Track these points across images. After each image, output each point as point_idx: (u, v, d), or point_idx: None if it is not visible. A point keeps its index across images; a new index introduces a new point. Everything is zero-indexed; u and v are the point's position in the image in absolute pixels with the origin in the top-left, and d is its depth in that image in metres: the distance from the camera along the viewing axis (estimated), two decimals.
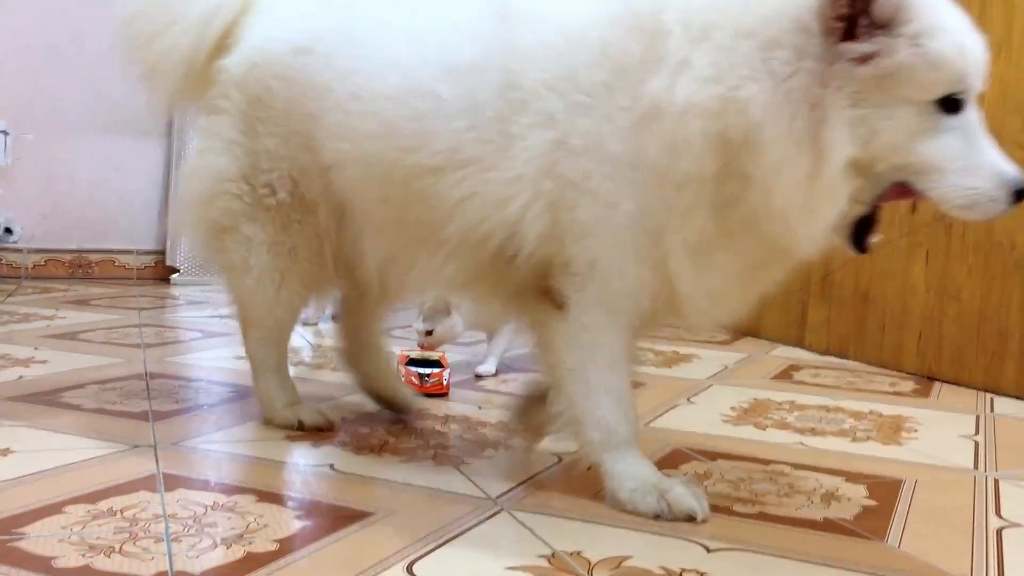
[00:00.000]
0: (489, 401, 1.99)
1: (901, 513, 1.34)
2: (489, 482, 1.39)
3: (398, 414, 1.81)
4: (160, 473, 1.37)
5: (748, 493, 1.40)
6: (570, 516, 1.26)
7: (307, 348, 2.60)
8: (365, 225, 1.51)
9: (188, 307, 3.42)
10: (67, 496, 1.25)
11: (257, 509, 1.23)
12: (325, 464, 1.46)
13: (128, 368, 2.17)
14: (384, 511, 1.24)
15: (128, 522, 1.16)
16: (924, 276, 2.33)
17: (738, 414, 1.98)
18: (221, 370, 2.22)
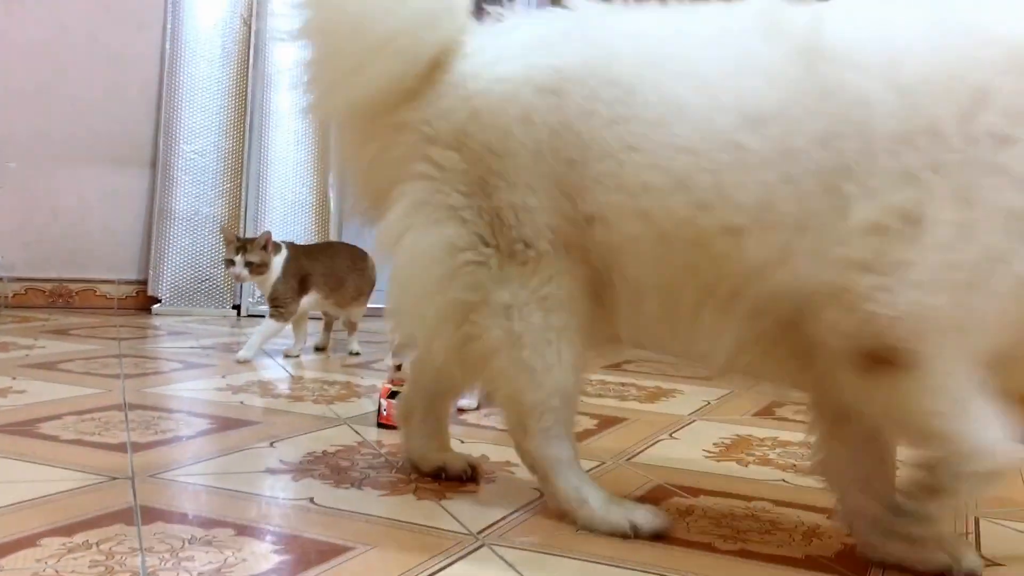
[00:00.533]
0: (471, 435, 1.98)
1: None
2: (470, 517, 1.39)
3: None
4: (137, 506, 1.36)
5: (730, 529, 1.40)
6: (552, 552, 1.26)
7: (287, 380, 2.59)
8: (629, 284, 1.33)
9: (169, 337, 3.40)
10: (42, 528, 1.23)
11: (235, 543, 1.22)
12: (305, 498, 1.45)
13: (107, 399, 2.15)
14: (364, 546, 1.23)
15: (104, 555, 1.15)
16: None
17: (720, 450, 1.98)
18: (201, 401, 2.21)
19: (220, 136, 4.33)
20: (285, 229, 4.36)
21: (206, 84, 4.31)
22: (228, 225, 4.12)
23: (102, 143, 4.20)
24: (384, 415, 2.00)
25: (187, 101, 4.28)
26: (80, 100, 4.14)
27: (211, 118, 4.32)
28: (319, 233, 4.41)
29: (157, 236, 4.23)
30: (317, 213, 4.43)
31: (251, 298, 4.31)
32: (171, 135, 4.26)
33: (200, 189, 4.29)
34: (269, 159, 4.38)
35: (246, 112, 4.36)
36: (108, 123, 4.21)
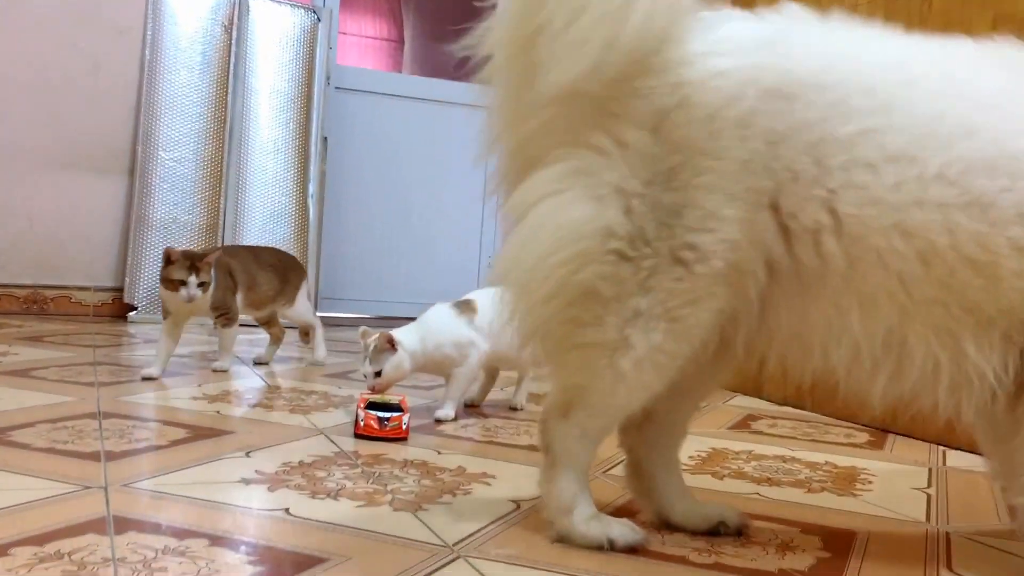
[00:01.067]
0: (448, 446, 1.98)
1: (854, 566, 1.35)
2: (446, 529, 1.39)
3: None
4: (110, 515, 1.35)
5: (705, 543, 1.41)
6: (527, 564, 1.26)
7: (263, 390, 2.58)
8: (856, 300, 1.25)
9: (145, 345, 3.38)
10: (13, 538, 1.22)
11: (209, 554, 1.21)
12: (280, 508, 1.44)
13: (81, 407, 2.13)
14: (339, 557, 1.23)
15: (76, 565, 1.14)
16: None
17: (696, 463, 1.98)
18: (176, 410, 2.19)
19: (199, 144, 4.31)
20: (264, 237, 4.35)
21: (186, 91, 4.30)
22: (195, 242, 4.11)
23: (80, 150, 4.17)
24: (361, 426, 1.99)
25: (166, 108, 4.27)
26: (58, 106, 4.12)
27: (190, 125, 4.30)
28: (298, 241, 4.40)
29: (134, 243, 4.21)
30: (296, 221, 4.42)
31: None
32: (150, 142, 4.24)
33: (178, 197, 4.27)
34: (248, 167, 4.37)
35: (226, 120, 4.35)
36: (86, 130, 4.18)
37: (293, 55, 4.46)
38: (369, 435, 1.98)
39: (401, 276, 4.95)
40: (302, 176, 4.44)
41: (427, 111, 4.99)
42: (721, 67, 1.24)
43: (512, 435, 2.16)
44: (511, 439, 2.11)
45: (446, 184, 4.98)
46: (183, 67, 4.30)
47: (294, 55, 4.46)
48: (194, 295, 2.58)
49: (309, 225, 4.43)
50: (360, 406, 2.04)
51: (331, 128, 4.67)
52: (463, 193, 5.01)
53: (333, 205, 4.73)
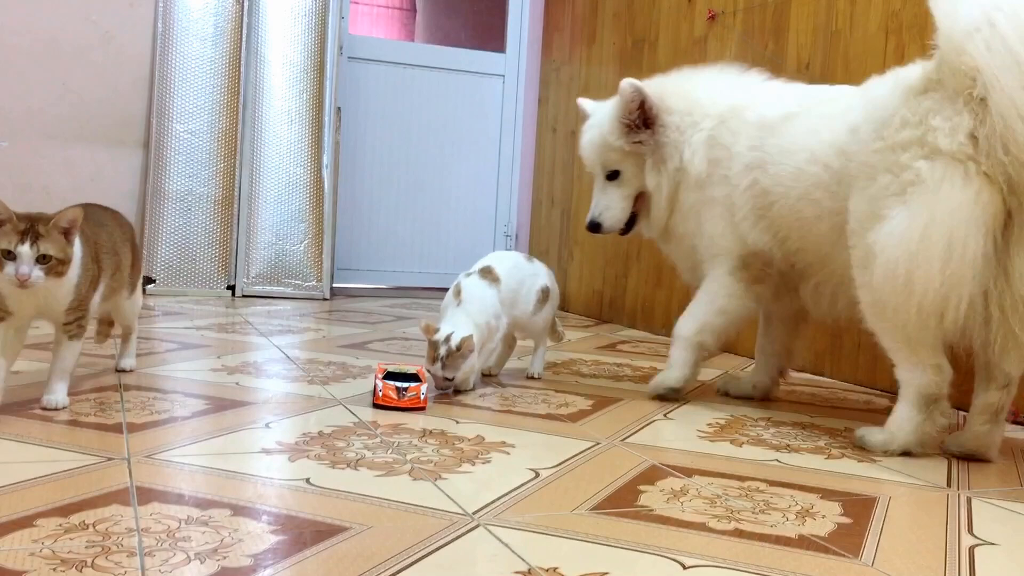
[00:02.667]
0: (466, 415, 1.99)
1: (875, 531, 1.35)
2: (466, 497, 1.39)
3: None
4: (133, 486, 1.36)
5: (724, 509, 1.41)
6: (547, 532, 1.26)
7: (282, 361, 2.59)
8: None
9: (164, 318, 3.40)
10: (39, 509, 1.23)
11: (231, 523, 1.22)
12: (301, 478, 1.45)
13: (102, 379, 2.15)
14: (360, 526, 1.24)
15: (101, 536, 1.15)
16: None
17: (715, 430, 1.98)
18: (196, 382, 2.21)
19: (213, 115, 4.31)
20: (279, 208, 4.36)
21: (198, 63, 4.29)
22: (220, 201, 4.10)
23: (94, 122, 4.18)
24: (379, 396, 2.00)
25: (179, 80, 4.26)
26: (72, 79, 4.12)
27: (204, 97, 4.29)
28: (314, 211, 4.40)
29: (151, 216, 4.22)
30: (311, 192, 4.41)
31: (246, 278, 4.31)
32: (164, 114, 4.24)
33: (193, 169, 4.28)
34: (263, 138, 4.36)
35: (239, 91, 4.34)
36: (100, 102, 4.18)
37: (305, 25, 4.44)
38: (387, 405, 1.99)
39: (416, 245, 4.95)
40: (316, 147, 4.43)
41: (440, 80, 4.97)
42: None
43: (530, 404, 2.16)
44: (529, 408, 2.11)
45: (459, 152, 4.96)
46: (195, 38, 4.28)
47: (306, 25, 4.44)
48: (27, 275, 1.65)
49: (324, 196, 4.42)
50: (378, 376, 2.04)
51: (344, 98, 4.65)
52: (477, 161, 5.00)
53: (347, 175, 4.73)
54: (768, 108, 2.16)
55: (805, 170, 2.01)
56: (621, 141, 2.29)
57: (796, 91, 2.22)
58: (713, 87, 2.30)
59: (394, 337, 3.19)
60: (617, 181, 2.35)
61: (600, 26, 4.36)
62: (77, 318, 1.82)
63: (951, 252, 1.64)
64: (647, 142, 2.27)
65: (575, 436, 1.85)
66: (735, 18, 3.35)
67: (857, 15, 2.78)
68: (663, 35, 3.81)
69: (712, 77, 2.35)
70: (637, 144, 2.28)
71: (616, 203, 2.36)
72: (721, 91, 2.28)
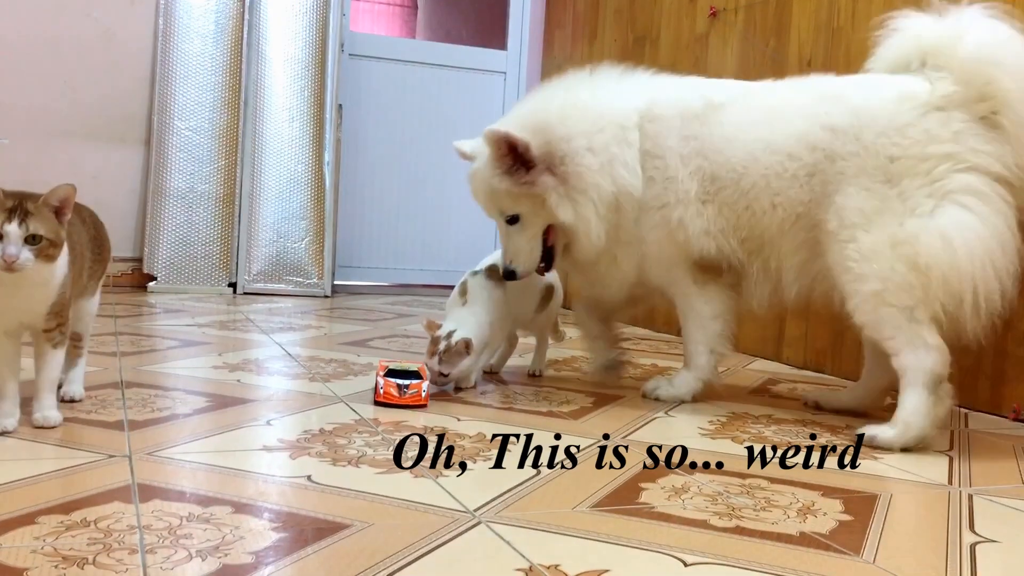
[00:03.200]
0: (467, 413, 1.99)
1: (876, 528, 1.35)
2: (467, 495, 1.39)
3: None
4: (135, 483, 1.36)
5: (725, 507, 1.41)
6: (548, 529, 1.26)
7: (283, 358, 2.59)
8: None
9: (165, 315, 3.40)
10: (40, 506, 1.23)
11: (233, 520, 1.22)
12: (302, 476, 1.45)
13: (103, 376, 2.15)
14: (361, 524, 1.24)
15: (102, 533, 1.15)
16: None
17: (716, 427, 1.98)
18: (198, 379, 2.21)
19: (214, 113, 4.31)
20: (281, 205, 4.36)
21: (200, 60, 4.29)
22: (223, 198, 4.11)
23: (96, 120, 4.18)
24: (381, 393, 2.00)
25: (181, 78, 4.26)
26: (73, 76, 4.12)
27: (205, 95, 4.29)
28: (315, 209, 4.40)
29: (152, 214, 4.22)
30: (312, 189, 4.42)
31: (247, 275, 4.31)
32: (165, 112, 4.24)
33: (195, 166, 4.28)
34: (264, 136, 4.36)
35: (240, 88, 4.33)
36: (101, 100, 4.18)
37: (306, 22, 4.43)
38: (389, 402, 1.99)
39: (416, 243, 4.95)
40: (317, 144, 4.43)
41: (442, 77, 4.96)
42: None
43: (531, 401, 2.16)
44: (530, 405, 2.11)
45: None
46: (196, 36, 4.28)
47: (307, 22, 4.44)
48: (15, 256, 1.47)
49: (325, 193, 4.42)
50: (379, 374, 2.04)
51: (346, 95, 4.65)
52: None
53: (348, 172, 4.73)
54: (685, 100, 2.14)
55: (760, 159, 2.05)
56: (507, 185, 2.14)
57: (695, 83, 2.24)
58: (605, 95, 2.20)
59: (395, 335, 3.19)
60: (519, 224, 2.20)
61: (601, 23, 4.35)
62: (59, 323, 1.63)
63: (993, 253, 1.81)
64: (537, 180, 2.11)
65: (576, 433, 1.85)
66: (736, 15, 3.35)
67: (859, 12, 2.78)
68: (664, 32, 3.81)
69: (594, 85, 2.24)
70: (527, 185, 2.13)
71: (524, 246, 2.21)
72: (619, 96, 2.20)
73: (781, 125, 2.04)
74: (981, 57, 1.85)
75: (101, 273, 1.89)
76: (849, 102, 1.98)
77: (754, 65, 3.23)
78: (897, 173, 1.88)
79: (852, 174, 1.93)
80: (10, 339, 1.60)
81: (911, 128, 1.89)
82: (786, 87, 2.16)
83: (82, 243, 1.74)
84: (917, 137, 1.88)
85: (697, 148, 2.11)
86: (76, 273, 1.68)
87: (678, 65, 3.59)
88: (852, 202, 1.92)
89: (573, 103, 2.17)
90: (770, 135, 2.04)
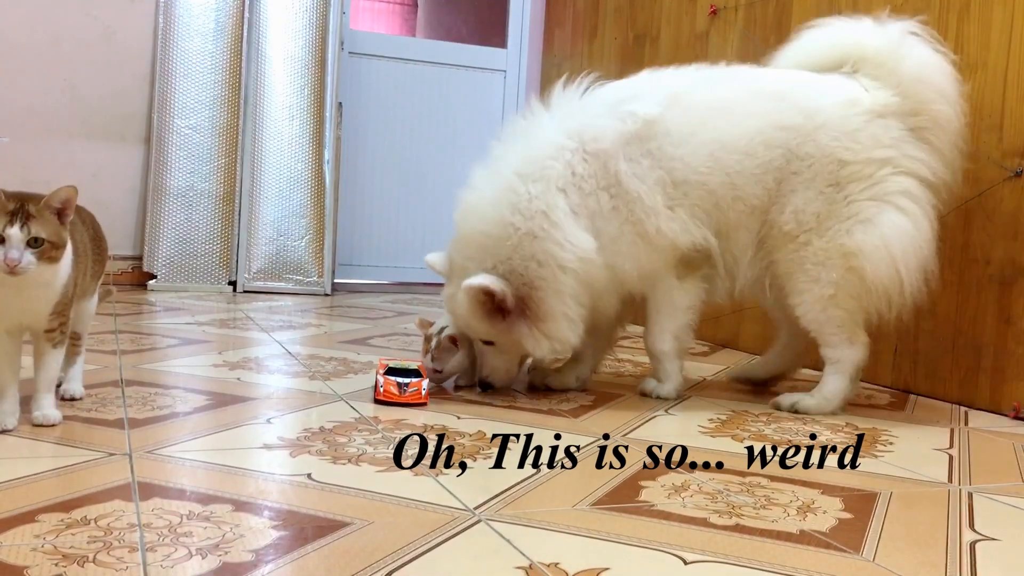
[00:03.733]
0: (467, 411, 1.99)
1: (876, 526, 1.35)
2: (467, 493, 1.39)
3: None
4: (135, 482, 1.36)
5: (725, 505, 1.41)
6: (548, 527, 1.26)
7: (283, 356, 2.59)
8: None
9: (165, 313, 3.40)
10: (40, 504, 1.24)
11: (233, 519, 1.22)
12: (302, 474, 1.45)
13: (103, 375, 2.15)
14: (361, 522, 1.24)
15: (102, 531, 1.15)
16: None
17: (716, 426, 1.98)
18: (197, 378, 2.21)
19: (214, 111, 4.30)
20: (281, 203, 4.36)
21: (200, 59, 4.28)
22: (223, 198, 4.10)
23: (96, 118, 4.17)
24: (381, 391, 2.00)
25: (181, 76, 4.25)
26: (73, 75, 4.12)
27: (205, 93, 4.29)
28: (315, 207, 4.40)
29: (152, 212, 4.22)
30: (313, 187, 4.41)
31: (247, 274, 4.31)
32: (165, 110, 4.23)
33: (195, 164, 4.27)
34: (264, 134, 4.36)
35: (240, 86, 4.33)
36: (101, 98, 4.18)
37: (306, 21, 4.43)
38: (389, 401, 1.99)
39: (416, 241, 4.94)
40: (318, 142, 4.42)
41: (441, 75, 4.96)
42: None
43: (531, 400, 2.16)
44: (530, 404, 2.12)
45: (460, 148, 4.96)
46: (196, 34, 4.28)
47: (307, 21, 4.43)
48: (17, 260, 1.47)
49: (326, 191, 4.42)
50: (380, 372, 2.04)
51: (346, 93, 4.65)
52: (478, 157, 4.98)
53: (349, 170, 4.73)
54: (613, 129, 2.10)
55: (721, 158, 2.10)
56: (485, 328, 2.10)
57: (616, 99, 2.17)
58: (524, 164, 2.12)
59: (395, 333, 3.19)
60: (495, 347, 2.15)
61: (601, 21, 4.35)
62: (61, 323, 1.63)
63: (922, 252, 2.06)
64: (513, 328, 2.08)
65: (576, 432, 1.85)
66: (737, 13, 3.35)
67: (860, 10, 2.77)
68: (665, 30, 3.81)
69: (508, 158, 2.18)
70: (504, 332, 2.09)
71: (502, 366, 2.17)
72: (540, 152, 2.12)
73: (730, 123, 2.11)
74: (922, 78, 2.07)
75: (100, 273, 1.90)
76: (796, 102, 2.10)
77: (760, 62, 3.22)
78: (845, 177, 2.06)
79: (808, 176, 2.08)
80: (11, 338, 1.61)
81: (860, 133, 2.06)
82: (718, 83, 2.19)
83: (84, 243, 1.75)
84: (866, 142, 2.06)
85: (650, 165, 2.10)
86: (79, 273, 1.69)
87: (678, 63, 3.58)
88: (810, 207, 2.08)
89: (498, 203, 2.09)
90: (722, 134, 2.11)
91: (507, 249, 2.07)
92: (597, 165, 2.09)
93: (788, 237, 2.10)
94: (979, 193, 2.36)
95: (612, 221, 2.10)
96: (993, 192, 2.33)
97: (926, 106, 2.07)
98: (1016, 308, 2.27)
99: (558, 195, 2.07)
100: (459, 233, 2.18)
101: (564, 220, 2.06)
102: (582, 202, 2.08)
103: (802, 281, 2.11)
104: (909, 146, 2.07)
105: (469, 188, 2.22)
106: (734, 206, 2.13)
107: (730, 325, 3.22)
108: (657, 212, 2.10)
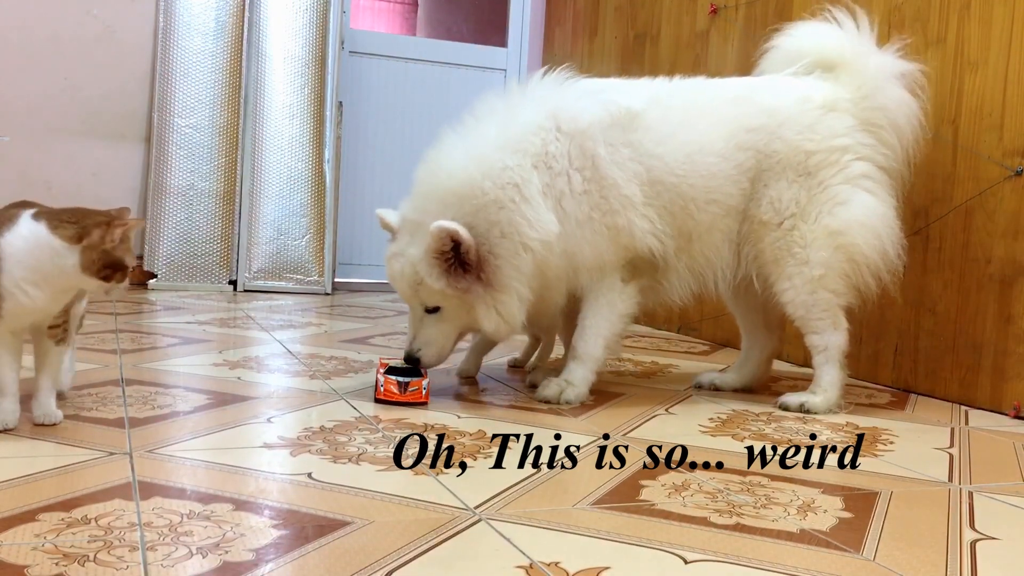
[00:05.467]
0: (468, 410, 1.99)
1: (876, 525, 1.35)
2: (468, 492, 1.39)
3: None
4: (135, 481, 1.36)
5: (725, 504, 1.41)
6: (548, 526, 1.26)
7: (283, 355, 2.59)
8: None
9: (165, 312, 3.40)
10: (41, 503, 1.24)
11: (233, 518, 1.22)
12: (303, 473, 1.45)
13: (104, 374, 2.15)
14: (362, 521, 1.24)
15: (103, 530, 1.15)
16: (901, 289, 2.36)
17: (716, 425, 1.98)
18: (198, 377, 2.21)
19: (215, 110, 4.30)
20: (281, 203, 4.35)
21: (200, 58, 4.28)
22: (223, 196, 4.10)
23: (96, 117, 4.17)
24: (381, 390, 2.00)
25: (181, 75, 4.25)
26: (74, 73, 4.11)
27: (205, 92, 4.29)
28: (315, 206, 4.40)
29: (152, 211, 4.22)
30: (313, 186, 4.41)
31: (247, 273, 4.31)
32: (165, 109, 4.23)
33: (195, 164, 4.27)
34: (264, 133, 4.36)
35: (241, 85, 4.33)
36: (102, 97, 4.18)
37: (306, 20, 4.43)
38: (389, 400, 1.99)
39: None
40: (318, 141, 4.42)
41: (442, 74, 4.96)
42: None
43: (531, 399, 2.16)
44: (530, 403, 2.12)
45: None
46: (196, 33, 4.28)
47: (307, 20, 4.43)
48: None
49: (326, 190, 4.42)
50: (380, 371, 2.04)
51: (346, 92, 4.65)
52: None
53: (349, 170, 4.72)
54: (592, 112, 2.10)
55: (699, 161, 2.15)
56: (442, 284, 1.99)
57: (592, 90, 2.20)
58: (501, 135, 2.09)
59: (395, 332, 3.19)
60: (438, 316, 2.06)
61: (602, 20, 4.35)
62: (64, 321, 1.68)
63: (894, 228, 2.19)
64: (471, 288, 1.99)
65: (576, 431, 1.85)
66: (737, 12, 3.35)
67: (860, 10, 2.77)
68: (665, 29, 3.81)
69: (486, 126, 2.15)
70: (461, 289, 1.99)
71: (437, 339, 2.07)
72: (521, 124, 2.10)
73: (706, 126, 2.18)
74: (881, 79, 2.22)
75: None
76: (759, 103, 2.21)
77: (755, 62, 3.22)
78: (815, 165, 2.16)
79: (779, 169, 2.17)
80: (15, 337, 1.62)
81: (818, 125, 2.18)
82: (690, 90, 2.27)
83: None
84: (824, 132, 2.18)
85: (630, 155, 2.10)
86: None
87: (679, 63, 3.59)
88: (786, 195, 2.17)
89: (477, 161, 2.06)
90: (699, 137, 2.16)
91: (471, 208, 2.00)
92: (572, 145, 2.08)
93: (769, 226, 2.17)
94: (979, 192, 2.36)
95: (582, 204, 2.07)
96: (993, 191, 2.33)
97: (884, 108, 2.20)
98: (1017, 307, 2.27)
99: (533, 171, 2.04)
100: (419, 189, 2.12)
101: (535, 197, 2.02)
102: (551, 182, 2.06)
103: (791, 265, 2.17)
104: (861, 135, 2.19)
105: (437, 147, 2.19)
106: (708, 208, 2.17)
107: (730, 325, 3.22)
108: (634, 205, 2.10)
